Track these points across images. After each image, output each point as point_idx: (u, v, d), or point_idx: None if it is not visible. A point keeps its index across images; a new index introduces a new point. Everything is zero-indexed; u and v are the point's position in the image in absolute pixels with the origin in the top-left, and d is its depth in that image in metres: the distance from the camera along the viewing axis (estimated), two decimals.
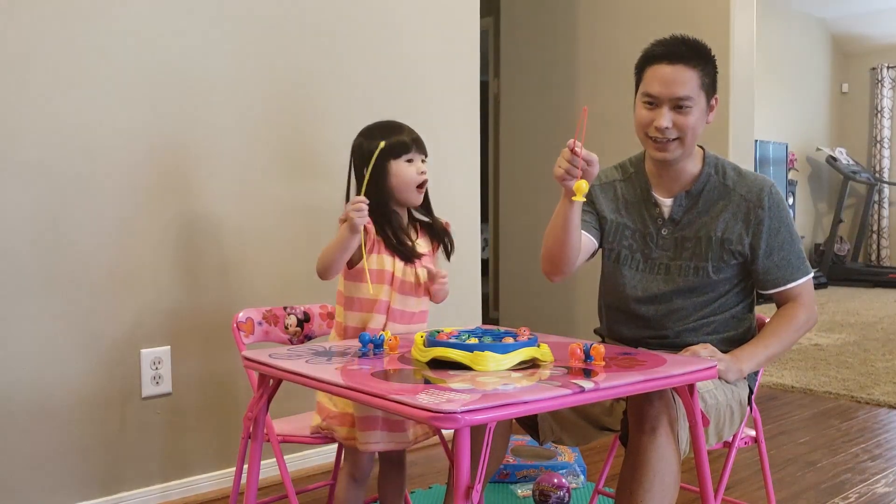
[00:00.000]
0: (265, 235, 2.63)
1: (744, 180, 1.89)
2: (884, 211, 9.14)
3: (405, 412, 1.23)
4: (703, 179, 1.89)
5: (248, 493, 1.73)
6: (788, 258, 1.87)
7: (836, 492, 2.59)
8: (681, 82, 1.78)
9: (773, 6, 8.15)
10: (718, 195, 1.88)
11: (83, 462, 2.30)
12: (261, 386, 1.67)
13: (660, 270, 1.90)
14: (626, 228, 1.95)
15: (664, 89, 1.79)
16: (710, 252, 1.86)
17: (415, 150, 1.88)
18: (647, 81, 1.82)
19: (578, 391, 1.29)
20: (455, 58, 3.11)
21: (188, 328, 2.48)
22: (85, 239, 2.28)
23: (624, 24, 4.25)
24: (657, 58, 1.81)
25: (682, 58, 1.79)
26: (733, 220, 1.86)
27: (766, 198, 1.85)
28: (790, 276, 1.87)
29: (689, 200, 1.89)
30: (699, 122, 1.83)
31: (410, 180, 1.87)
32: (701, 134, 1.86)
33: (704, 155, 1.93)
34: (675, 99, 1.79)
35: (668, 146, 1.83)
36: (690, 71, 1.78)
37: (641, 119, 1.85)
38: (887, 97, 9.09)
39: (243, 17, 2.55)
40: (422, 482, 2.65)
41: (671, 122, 1.80)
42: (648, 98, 1.82)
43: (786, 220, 1.87)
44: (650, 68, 1.82)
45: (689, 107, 1.79)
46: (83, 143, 2.26)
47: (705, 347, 1.74)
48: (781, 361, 4.57)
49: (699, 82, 1.80)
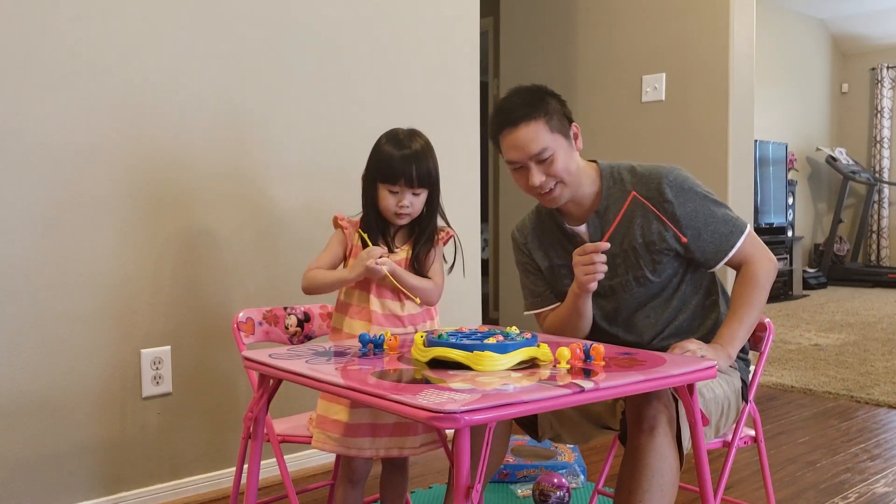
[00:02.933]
0: (265, 235, 2.63)
1: (640, 179, 1.87)
2: (884, 211, 9.14)
3: (405, 412, 1.23)
4: (605, 195, 1.89)
5: (248, 493, 1.73)
6: (717, 229, 1.85)
7: (835, 492, 2.59)
8: (530, 140, 1.79)
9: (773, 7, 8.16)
10: (623, 203, 1.87)
11: (83, 462, 2.30)
12: (261, 386, 1.67)
13: (607, 293, 1.91)
14: (560, 268, 1.96)
15: (519, 153, 1.81)
16: (641, 259, 1.87)
17: (402, 183, 1.84)
18: (505, 151, 1.85)
19: (578, 391, 1.30)
20: (455, 58, 3.11)
21: (188, 328, 2.48)
22: (85, 240, 2.28)
23: (624, 25, 4.25)
24: (501, 126, 1.83)
25: (520, 117, 1.80)
26: (646, 222, 1.86)
27: (666, 187, 1.84)
28: (728, 244, 1.86)
29: (601, 220, 1.90)
30: (569, 160, 1.83)
31: (387, 208, 1.88)
32: (578, 168, 1.86)
33: (600, 170, 1.92)
34: (534, 156, 1.80)
35: (553, 194, 1.85)
36: (534, 124, 1.79)
37: (518, 182, 1.88)
38: (887, 97, 9.09)
39: (238, 20, 2.55)
40: (422, 482, 2.65)
41: (543, 176, 1.82)
42: (512, 164, 1.85)
43: (696, 196, 1.85)
44: (501, 138, 1.84)
45: (550, 155, 1.80)
46: (84, 145, 2.26)
47: (691, 342, 1.73)
48: (781, 361, 4.58)
49: (547, 128, 1.80)
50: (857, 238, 9.01)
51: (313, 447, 1.86)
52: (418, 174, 1.84)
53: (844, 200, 8.82)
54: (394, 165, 1.84)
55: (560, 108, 1.86)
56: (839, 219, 8.71)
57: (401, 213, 1.87)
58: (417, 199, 1.87)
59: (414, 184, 1.85)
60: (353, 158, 2.83)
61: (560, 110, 1.85)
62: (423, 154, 1.87)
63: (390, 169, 1.84)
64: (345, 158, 2.80)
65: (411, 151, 1.85)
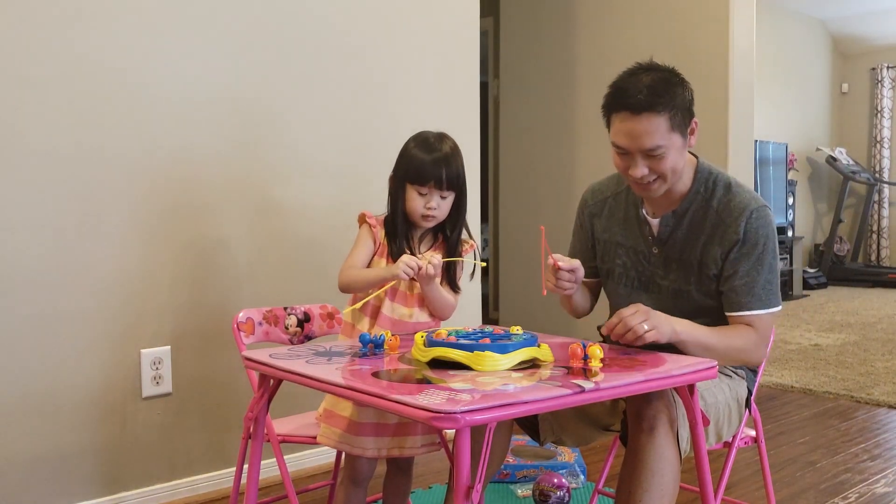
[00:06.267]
0: (265, 235, 2.63)
1: (730, 200, 1.79)
2: (884, 211, 9.14)
3: (405, 412, 1.23)
4: (689, 198, 1.82)
5: (249, 493, 1.73)
6: (752, 285, 1.75)
7: (835, 492, 2.59)
8: (647, 133, 1.68)
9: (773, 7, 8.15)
10: (702, 216, 1.81)
11: (84, 462, 2.30)
12: (261, 386, 1.67)
13: (653, 289, 1.87)
14: (618, 247, 1.93)
15: (631, 142, 1.70)
16: (692, 276, 1.82)
17: (432, 185, 1.85)
18: (614, 132, 1.74)
19: (578, 391, 1.29)
20: (455, 59, 3.11)
21: (188, 328, 2.48)
22: (85, 240, 2.28)
23: (623, 25, 4.25)
24: (619, 106, 1.71)
25: (645, 106, 1.67)
26: (710, 243, 1.79)
27: (745, 220, 1.75)
28: (748, 304, 1.76)
29: (675, 220, 1.83)
30: (678, 159, 1.74)
31: (414, 210, 1.88)
32: (683, 167, 1.78)
33: (697, 168, 1.84)
34: (645, 150, 1.70)
35: (649, 187, 1.77)
36: (656, 118, 1.67)
37: (617, 164, 1.79)
38: (887, 97, 9.08)
39: (242, 23, 2.55)
40: (422, 482, 2.65)
41: (647, 170, 1.72)
42: (618, 148, 1.75)
43: (761, 246, 1.76)
44: (615, 116, 1.72)
45: (663, 152, 1.70)
46: (85, 145, 2.26)
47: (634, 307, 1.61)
48: (781, 361, 4.57)
49: (668, 125, 1.68)
50: (858, 238, 9.00)
51: (318, 441, 1.87)
52: (448, 176, 1.86)
53: (844, 200, 8.81)
54: (424, 167, 1.85)
55: (687, 101, 1.74)
56: (839, 219, 8.70)
57: (428, 216, 1.87)
58: (444, 202, 1.89)
59: (443, 186, 1.86)
60: (354, 159, 2.83)
61: (686, 103, 1.74)
62: (452, 157, 1.88)
63: (421, 171, 1.85)
64: (345, 159, 2.80)
65: (441, 154, 1.86)
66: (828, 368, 4.40)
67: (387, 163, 1.96)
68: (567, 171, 4.65)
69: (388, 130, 2.89)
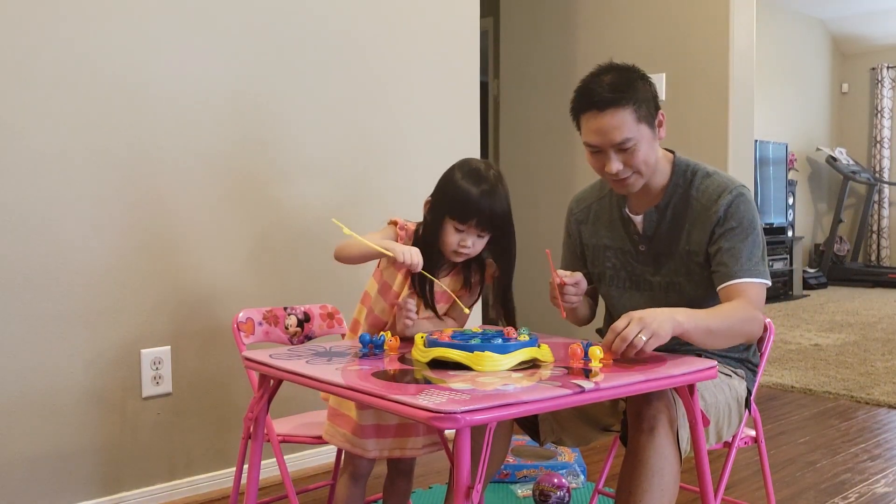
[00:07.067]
0: (265, 235, 2.63)
1: (708, 186, 1.82)
2: (884, 211, 9.14)
3: (405, 412, 1.23)
4: (669, 191, 1.85)
5: (249, 493, 1.73)
6: (738, 255, 1.75)
7: (835, 492, 2.59)
8: (615, 127, 1.72)
9: (773, 6, 8.16)
10: (683, 206, 1.83)
11: (83, 462, 2.30)
12: (261, 386, 1.67)
13: (645, 287, 1.89)
14: (606, 249, 1.95)
15: (600, 139, 1.74)
16: (682, 268, 1.84)
17: (474, 224, 1.74)
18: (585, 132, 1.78)
19: (578, 391, 1.29)
20: (455, 58, 3.11)
21: (188, 328, 2.48)
22: (85, 240, 2.28)
23: (623, 25, 4.25)
24: (585, 107, 1.76)
25: (610, 102, 1.71)
26: (694, 229, 1.82)
27: (724, 201, 1.78)
28: (736, 272, 1.74)
29: (658, 215, 1.86)
30: (649, 152, 1.77)
31: (448, 245, 1.78)
32: (657, 159, 1.81)
33: (674, 162, 1.87)
34: (616, 145, 1.74)
35: (626, 182, 1.80)
36: (622, 111, 1.71)
37: (592, 164, 1.82)
38: (887, 97, 9.09)
39: (242, 23, 2.55)
40: (422, 482, 2.65)
41: (621, 165, 1.76)
42: (591, 147, 1.78)
43: (743, 223, 1.77)
44: (583, 117, 1.77)
45: (633, 145, 1.74)
46: (85, 145, 2.26)
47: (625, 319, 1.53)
48: (781, 361, 4.58)
49: (634, 118, 1.73)
50: (858, 238, 9.00)
51: (324, 438, 1.87)
52: (491, 215, 1.76)
53: (844, 200, 8.81)
54: (469, 205, 1.74)
55: (650, 95, 1.78)
56: (839, 219, 8.71)
57: (460, 252, 1.78)
58: (480, 241, 1.80)
59: (490, 226, 1.77)
60: (352, 158, 2.83)
61: (650, 96, 1.78)
62: (499, 195, 1.77)
63: (465, 208, 1.74)
64: (344, 158, 2.80)
65: (489, 180, 1.76)
66: (828, 368, 4.40)
67: (387, 162, 1.96)
68: (567, 171, 4.65)
69: (388, 130, 2.89)
